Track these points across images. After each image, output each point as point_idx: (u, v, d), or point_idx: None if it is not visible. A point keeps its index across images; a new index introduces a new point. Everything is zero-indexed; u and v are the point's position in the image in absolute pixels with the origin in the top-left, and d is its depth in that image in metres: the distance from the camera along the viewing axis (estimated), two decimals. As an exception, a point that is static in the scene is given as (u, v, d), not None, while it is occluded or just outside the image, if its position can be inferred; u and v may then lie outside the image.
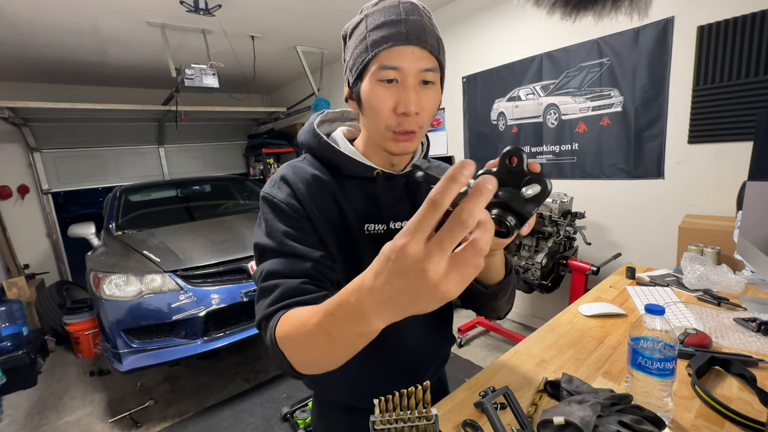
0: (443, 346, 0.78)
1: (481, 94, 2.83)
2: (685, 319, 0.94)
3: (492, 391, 0.58)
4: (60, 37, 2.92)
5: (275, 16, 2.90)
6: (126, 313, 1.99)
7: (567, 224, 2.04)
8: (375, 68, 0.53)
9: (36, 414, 2.22)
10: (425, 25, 0.53)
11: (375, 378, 0.71)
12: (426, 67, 0.53)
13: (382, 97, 0.54)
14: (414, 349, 0.72)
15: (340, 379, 0.73)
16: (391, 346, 0.70)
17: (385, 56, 0.52)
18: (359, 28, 0.56)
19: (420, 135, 0.58)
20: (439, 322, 0.76)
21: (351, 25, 0.59)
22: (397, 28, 0.52)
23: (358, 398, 0.74)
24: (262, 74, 4.48)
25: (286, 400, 2.15)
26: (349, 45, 0.58)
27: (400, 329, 0.68)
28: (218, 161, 5.56)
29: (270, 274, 0.55)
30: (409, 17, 0.53)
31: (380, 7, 0.55)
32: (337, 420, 0.78)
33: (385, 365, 0.71)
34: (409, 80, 0.53)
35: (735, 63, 1.71)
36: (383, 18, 0.53)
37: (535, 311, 2.76)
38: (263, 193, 0.63)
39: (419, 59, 0.53)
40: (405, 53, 0.52)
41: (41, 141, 4.06)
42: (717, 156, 1.83)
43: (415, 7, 0.54)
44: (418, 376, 0.74)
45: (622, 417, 0.53)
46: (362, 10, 0.58)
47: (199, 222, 2.86)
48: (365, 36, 0.54)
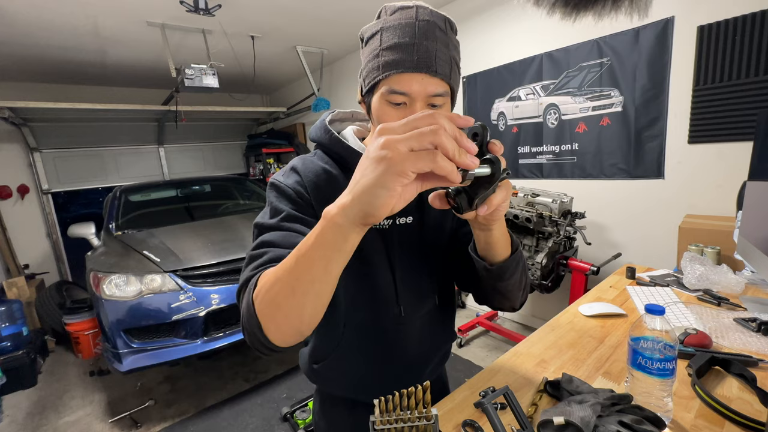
0: (445, 340, 0.79)
1: (481, 94, 2.83)
2: (685, 319, 0.94)
3: (492, 391, 0.58)
4: (60, 37, 2.92)
5: (275, 16, 2.90)
6: (126, 313, 1.98)
7: (567, 224, 2.04)
8: (384, 90, 0.54)
9: (36, 414, 2.22)
10: (438, 52, 0.53)
11: (377, 371, 0.72)
12: (435, 93, 0.54)
13: (389, 117, 0.55)
14: (416, 343, 0.72)
15: (342, 371, 0.73)
16: (392, 339, 0.70)
17: (394, 81, 0.53)
18: (374, 41, 0.56)
19: None
20: (441, 315, 0.76)
21: (368, 33, 0.58)
22: (408, 55, 0.52)
23: (360, 392, 0.74)
24: (262, 74, 4.48)
25: (286, 400, 2.15)
26: (364, 52, 0.58)
27: (403, 322, 0.69)
28: (218, 161, 5.56)
29: (263, 243, 0.56)
30: (422, 42, 0.52)
31: (396, 23, 0.54)
32: (339, 415, 0.78)
33: (387, 358, 0.71)
34: (417, 105, 0.54)
35: (735, 63, 1.71)
36: (397, 39, 0.53)
37: (535, 311, 2.76)
38: (272, 180, 0.64)
39: (428, 85, 0.53)
40: (414, 80, 0.52)
41: (41, 141, 4.06)
42: (717, 156, 1.83)
43: (430, 26, 0.53)
44: (421, 370, 0.74)
45: (622, 417, 0.53)
46: (380, 15, 0.57)
47: (199, 222, 2.86)
48: (378, 53, 0.55)
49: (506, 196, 0.44)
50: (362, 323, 0.69)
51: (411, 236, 0.67)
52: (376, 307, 0.68)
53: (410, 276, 0.68)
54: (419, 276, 0.69)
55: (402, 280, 0.68)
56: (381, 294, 0.67)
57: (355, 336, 0.70)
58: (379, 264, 0.66)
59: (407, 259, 0.68)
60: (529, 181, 2.63)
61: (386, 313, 0.69)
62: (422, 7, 0.55)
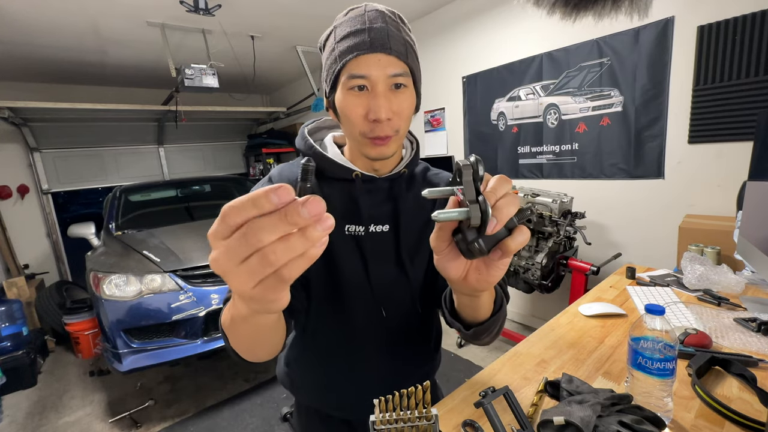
0: (420, 363, 0.76)
1: (481, 94, 2.83)
2: (685, 319, 0.94)
3: (492, 391, 0.58)
4: (60, 37, 2.92)
5: (275, 16, 2.90)
6: (126, 313, 1.98)
7: (567, 224, 2.04)
8: (345, 78, 0.54)
9: (36, 414, 2.22)
10: (390, 32, 0.54)
11: (345, 386, 0.71)
12: (394, 73, 0.54)
13: (353, 106, 0.55)
14: (380, 364, 0.70)
15: (309, 381, 0.73)
16: (355, 357, 0.69)
17: (352, 66, 0.53)
18: (330, 40, 0.57)
19: (398, 138, 0.58)
20: (410, 336, 0.72)
21: (323, 38, 0.60)
22: (361, 38, 0.53)
23: (330, 405, 0.74)
24: (262, 74, 4.48)
25: (286, 400, 2.15)
26: (323, 56, 0.59)
27: (379, 332, 0.68)
28: (218, 161, 5.56)
29: None
30: (373, 25, 0.53)
31: (347, 18, 0.56)
32: (312, 425, 0.78)
33: (353, 375, 0.70)
34: (379, 87, 0.54)
35: (735, 63, 1.71)
36: (349, 28, 0.54)
37: (535, 311, 2.76)
38: (269, 176, 0.66)
39: (386, 66, 0.53)
40: (371, 61, 0.53)
41: (41, 141, 4.05)
42: (717, 156, 1.83)
43: (379, 14, 0.55)
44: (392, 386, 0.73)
45: (622, 417, 0.53)
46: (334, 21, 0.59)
47: (199, 222, 2.86)
48: (334, 47, 0.55)
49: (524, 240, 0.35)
50: (336, 329, 0.68)
51: (386, 244, 0.65)
52: (349, 316, 0.66)
53: (387, 284, 0.66)
54: (397, 285, 0.67)
55: (378, 287, 0.65)
56: (355, 302, 0.65)
57: (324, 342, 0.69)
58: (353, 271, 0.64)
59: (383, 267, 0.65)
60: (529, 181, 2.63)
61: (360, 322, 0.67)
62: (371, 3, 0.57)
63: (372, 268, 0.64)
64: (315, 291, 0.65)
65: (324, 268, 0.63)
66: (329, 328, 0.68)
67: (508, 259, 0.36)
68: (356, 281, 0.64)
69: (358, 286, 0.65)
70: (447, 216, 0.32)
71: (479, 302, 0.48)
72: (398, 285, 0.67)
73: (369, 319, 0.66)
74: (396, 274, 0.66)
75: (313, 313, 0.67)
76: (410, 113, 0.59)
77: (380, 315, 0.66)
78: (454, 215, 0.32)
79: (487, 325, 0.52)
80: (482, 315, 0.51)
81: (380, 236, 0.65)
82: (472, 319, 0.52)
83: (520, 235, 0.35)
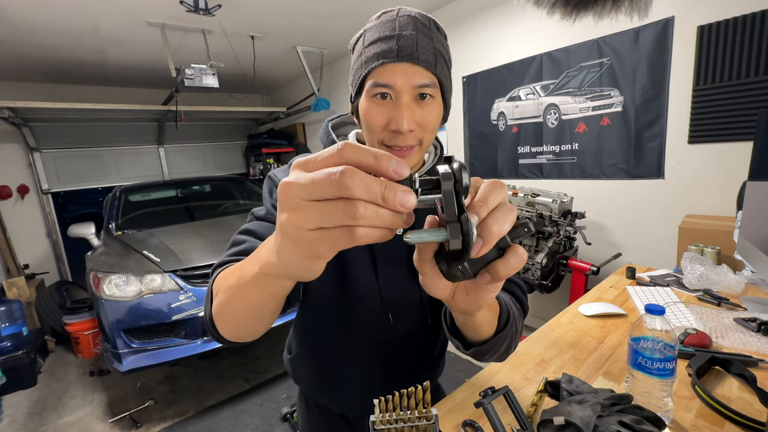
0: (421, 371, 0.74)
1: (481, 94, 2.83)
2: (685, 319, 0.94)
3: (492, 391, 0.57)
4: (60, 37, 2.92)
5: (275, 16, 2.90)
6: (126, 313, 1.98)
7: (567, 224, 2.04)
8: (369, 85, 0.53)
9: (36, 414, 2.22)
10: (419, 40, 0.51)
11: (341, 383, 0.71)
12: (420, 83, 0.51)
13: (375, 114, 0.53)
14: (379, 368, 0.70)
15: (309, 370, 0.74)
16: (355, 357, 0.69)
17: (378, 73, 0.52)
18: (359, 44, 0.56)
19: (420, 150, 0.57)
20: (414, 346, 0.71)
21: (354, 40, 0.59)
22: (389, 45, 0.51)
23: (327, 398, 0.74)
24: (262, 74, 4.48)
25: (286, 400, 2.15)
26: (352, 59, 0.58)
27: (387, 333, 0.67)
28: (218, 161, 5.56)
29: (247, 230, 0.58)
30: (403, 32, 0.51)
31: (378, 22, 0.54)
32: (312, 415, 0.79)
33: (350, 374, 0.70)
34: (403, 98, 0.52)
35: (735, 63, 1.71)
36: (378, 34, 0.53)
37: (535, 311, 2.76)
38: (269, 173, 0.65)
39: (412, 76, 0.51)
40: (397, 70, 0.51)
41: (41, 141, 4.06)
42: (717, 156, 1.82)
43: (411, 20, 0.53)
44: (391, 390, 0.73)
45: (622, 417, 0.53)
46: (366, 23, 0.58)
47: (199, 222, 2.86)
48: (361, 52, 0.54)
49: (518, 263, 0.29)
50: (337, 325, 0.68)
51: (399, 249, 0.64)
52: (356, 315, 0.66)
53: (396, 287, 0.65)
54: (406, 289, 0.66)
55: (387, 289, 0.64)
56: (362, 303, 0.65)
57: (327, 336, 0.69)
58: (362, 270, 0.63)
59: (394, 270, 0.64)
60: (529, 181, 2.63)
61: (367, 322, 0.66)
62: (405, 8, 0.55)
63: (381, 270, 0.64)
64: (322, 285, 0.64)
65: (337, 263, 0.63)
66: (331, 323, 0.68)
67: (499, 284, 0.32)
68: (364, 283, 0.64)
69: (366, 287, 0.64)
70: (419, 239, 0.27)
71: (476, 321, 0.44)
72: (408, 291, 0.65)
73: (373, 323, 0.66)
74: (406, 279, 0.65)
75: (316, 306, 0.67)
76: (436, 125, 0.57)
77: (387, 320, 0.66)
78: (429, 237, 0.27)
79: (488, 346, 0.48)
80: (484, 333, 0.47)
81: (393, 239, 0.64)
82: (473, 336, 0.48)
83: (513, 257, 0.29)
